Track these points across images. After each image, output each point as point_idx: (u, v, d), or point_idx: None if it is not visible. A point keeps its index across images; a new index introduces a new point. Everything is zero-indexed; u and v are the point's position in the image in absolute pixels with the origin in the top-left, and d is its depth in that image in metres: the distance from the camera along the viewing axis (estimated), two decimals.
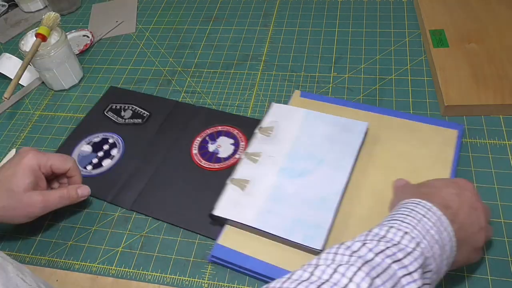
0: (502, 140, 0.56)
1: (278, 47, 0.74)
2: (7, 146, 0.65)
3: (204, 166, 0.58)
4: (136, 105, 0.68)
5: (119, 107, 0.68)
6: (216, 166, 0.57)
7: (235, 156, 0.58)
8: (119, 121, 0.66)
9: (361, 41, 0.72)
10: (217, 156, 0.59)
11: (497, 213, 0.49)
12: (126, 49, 0.78)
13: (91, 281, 0.50)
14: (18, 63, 0.74)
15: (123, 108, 0.68)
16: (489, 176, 0.53)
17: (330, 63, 0.69)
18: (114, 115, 0.67)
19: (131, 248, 0.52)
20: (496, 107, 0.58)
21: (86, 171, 0.60)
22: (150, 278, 0.49)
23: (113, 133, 0.64)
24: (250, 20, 0.80)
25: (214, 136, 0.61)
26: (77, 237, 0.54)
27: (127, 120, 0.66)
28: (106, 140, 0.63)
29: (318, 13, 0.79)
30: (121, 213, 0.55)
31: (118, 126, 0.65)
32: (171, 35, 0.80)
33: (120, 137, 0.64)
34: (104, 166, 0.60)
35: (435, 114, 0.60)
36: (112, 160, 0.61)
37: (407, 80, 0.65)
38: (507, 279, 0.45)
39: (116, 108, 0.68)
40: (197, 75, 0.71)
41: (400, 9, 0.76)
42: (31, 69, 0.73)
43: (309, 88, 0.66)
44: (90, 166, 0.61)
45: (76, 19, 0.88)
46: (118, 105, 0.68)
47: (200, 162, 0.58)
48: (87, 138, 0.64)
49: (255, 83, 0.68)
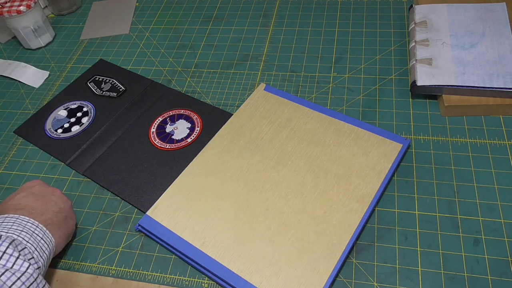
0: (502, 140, 0.56)
1: (278, 47, 0.74)
2: None
3: (157, 144, 0.61)
4: (117, 79, 0.72)
5: (101, 79, 0.72)
6: (167, 147, 0.61)
7: (187, 140, 0.61)
8: (97, 92, 0.70)
9: (361, 41, 0.72)
10: (171, 137, 0.62)
11: (497, 213, 0.50)
12: (126, 49, 0.78)
13: (91, 281, 0.50)
14: (35, 72, 0.77)
15: (104, 81, 0.72)
16: (489, 176, 0.53)
17: (330, 63, 0.70)
18: (95, 86, 0.71)
19: (131, 248, 0.52)
20: (496, 107, 0.58)
21: (56, 134, 0.65)
22: (150, 278, 0.49)
23: (89, 102, 0.69)
24: (250, 20, 0.80)
25: (175, 118, 0.65)
26: (77, 237, 0.54)
27: (103, 92, 0.70)
28: (81, 108, 0.68)
29: (318, 13, 0.79)
30: (121, 213, 0.55)
31: (95, 97, 0.70)
32: (171, 35, 0.80)
33: (94, 107, 0.68)
34: (72, 131, 0.65)
35: (435, 114, 0.60)
36: (80, 126, 0.65)
37: (407, 80, 0.65)
38: (507, 279, 0.45)
39: (98, 80, 0.73)
40: (197, 75, 0.71)
41: (400, 9, 0.76)
42: None
43: (309, 88, 0.66)
44: (60, 130, 0.66)
45: (76, 19, 0.88)
46: (101, 77, 0.73)
47: (154, 141, 0.62)
48: (66, 104, 0.69)
49: (255, 83, 0.68)
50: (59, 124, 0.66)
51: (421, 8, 0.68)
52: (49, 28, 0.82)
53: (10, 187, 0.60)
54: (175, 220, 0.52)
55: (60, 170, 0.61)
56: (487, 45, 0.61)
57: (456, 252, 0.47)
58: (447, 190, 0.52)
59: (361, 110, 0.62)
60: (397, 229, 0.50)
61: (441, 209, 0.51)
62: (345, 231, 0.48)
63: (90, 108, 0.67)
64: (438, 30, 0.65)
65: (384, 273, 0.47)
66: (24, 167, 0.62)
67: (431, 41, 0.63)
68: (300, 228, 0.49)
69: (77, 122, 0.66)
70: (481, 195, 0.51)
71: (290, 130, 0.59)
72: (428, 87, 0.59)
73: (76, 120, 0.66)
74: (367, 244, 0.49)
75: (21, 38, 0.80)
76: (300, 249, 0.47)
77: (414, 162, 0.55)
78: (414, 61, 0.62)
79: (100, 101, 0.69)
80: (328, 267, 0.46)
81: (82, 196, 0.58)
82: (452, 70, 0.59)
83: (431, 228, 0.49)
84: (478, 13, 0.65)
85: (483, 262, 0.46)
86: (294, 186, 0.53)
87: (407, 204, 0.52)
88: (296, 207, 0.51)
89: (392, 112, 0.61)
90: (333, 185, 0.52)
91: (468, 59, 0.60)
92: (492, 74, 0.58)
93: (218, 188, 0.54)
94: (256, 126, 0.60)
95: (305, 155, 0.56)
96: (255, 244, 0.48)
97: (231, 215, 0.51)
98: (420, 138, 0.58)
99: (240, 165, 0.56)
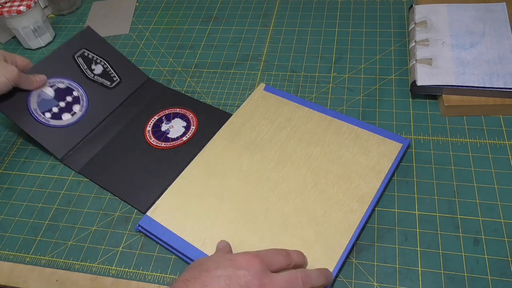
0: (502, 140, 0.56)
1: (278, 47, 0.74)
2: None
3: (152, 143, 0.61)
4: (109, 63, 0.67)
5: (91, 57, 0.66)
6: (163, 145, 0.61)
7: (183, 138, 0.61)
8: (88, 74, 0.65)
9: (361, 41, 0.72)
10: (166, 136, 0.62)
11: (497, 213, 0.50)
12: (126, 49, 0.78)
13: (91, 281, 0.50)
14: None
15: (95, 61, 0.66)
16: (489, 176, 0.53)
17: (330, 63, 0.70)
18: (84, 65, 0.65)
19: (131, 248, 0.52)
20: (496, 107, 0.58)
21: (44, 118, 0.61)
22: (150, 278, 0.49)
23: (80, 86, 0.64)
24: (250, 20, 0.80)
25: (170, 116, 0.64)
26: (77, 237, 0.54)
27: (95, 77, 0.65)
28: (71, 91, 0.63)
29: (318, 13, 0.79)
30: (121, 213, 0.55)
31: (85, 80, 0.65)
32: (171, 35, 0.80)
33: (86, 94, 0.64)
34: (64, 120, 0.62)
35: (435, 114, 0.60)
36: (72, 116, 0.63)
37: (407, 80, 0.65)
38: (507, 279, 0.45)
39: (88, 56, 0.66)
40: (197, 75, 0.71)
41: (400, 9, 0.76)
42: None
43: (309, 88, 0.66)
44: (49, 114, 0.61)
45: (76, 19, 0.88)
46: (91, 54, 0.67)
47: (150, 139, 0.62)
48: (52, 80, 0.63)
49: (255, 83, 0.68)
50: (46, 106, 0.61)
51: (421, 8, 0.68)
52: (49, 28, 0.82)
53: (10, 187, 0.60)
54: (175, 220, 0.52)
55: (60, 170, 0.61)
56: (487, 45, 0.61)
57: (456, 252, 0.47)
58: (447, 190, 0.52)
59: (361, 110, 0.62)
60: (397, 229, 0.50)
61: (441, 209, 0.51)
62: (345, 231, 0.48)
63: (81, 94, 0.64)
64: (438, 30, 0.65)
65: (384, 273, 0.47)
66: (24, 167, 0.62)
67: (431, 41, 0.63)
68: (300, 228, 0.49)
69: (68, 110, 0.63)
70: (481, 195, 0.51)
71: (290, 130, 0.59)
72: (428, 87, 0.59)
73: (66, 106, 0.63)
74: (367, 244, 0.49)
75: (21, 38, 0.80)
76: (300, 249, 0.47)
77: (414, 162, 0.55)
78: (414, 61, 0.62)
79: (92, 88, 0.65)
80: (328, 267, 0.46)
81: (82, 196, 0.58)
82: (452, 70, 0.59)
83: (431, 228, 0.49)
84: (478, 13, 0.65)
85: (483, 262, 0.46)
86: (294, 186, 0.53)
87: (407, 204, 0.52)
88: (296, 207, 0.51)
89: (392, 112, 0.61)
90: (333, 185, 0.52)
91: (468, 59, 0.60)
92: (492, 74, 0.58)
93: (218, 188, 0.54)
94: (256, 126, 0.60)
95: (305, 155, 0.56)
96: (256, 245, 0.48)
97: (231, 215, 0.51)
98: (420, 138, 0.58)
99: (240, 165, 0.56)
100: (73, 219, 0.56)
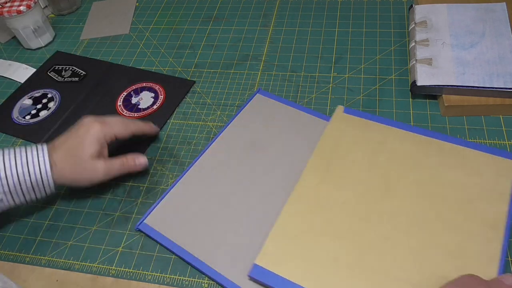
0: (502, 140, 0.56)
1: (278, 47, 0.74)
2: None
3: (125, 114, 0.66)
4: (76, 66, 0.76)
5: (61, 68, 0.76)
6: (135, 115, 0.66)
7: (153, 107, 0.67)
8: (59, 79, 0.74)
9: (361, 41, 0.72)
10: (137, 107, 0.67)
11: None
12: (126, 49, 0.78)
13: (91, 281, 0.50)
14: None
15: (64, 69, 0.76)
16: None
17: (330, 63, 0.70)
18: (56, 75, 0.75)
19: (131, 248, 0.52)
20: (496, 107, 0.58)
21: (25, 121, 0.68)
22: (150, 278, 0.49)
23: (53, 89, 0.73)
24: (250, 20, 0.80)
25: (138, 90, 0.70)
26: (77, 237, 0.54)
27: (66, 79, 0.74)
28: (45, 95, 0.72)
29: (318, 13, 0.79)
30: (121, 213, 0.55)
31: (57, 83, 0.74)
32: (171, 35, 0.80)
33: (58, 92, 0.72)
34: (41, 116, 0.69)
35: (435, 114, 0.60)
36: (48, 111, 0.69)
37: (407, 80, 0.65)
38: None
39: (58, 69, 0.76)
40: (197, 75, 0.71)
41: (400, 9, 0.76)
42: None
43: (309, 88, 0.66)
44: (28, 116, 0.69)
45: (76, 19, 0.88)
46: (61, 67, 0.77)
47: (122, 112, 0.67)
48: (29, 94, 0.73)
49: (255, 83, 0.68)
50: (25, 111, 0.70)
51: (421, 8, 0.68)
52: (49, 28, 0.82)
53: None
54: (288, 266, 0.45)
55: None
56: (487, 45, 0.61)
57: None
58: None
59: (361, 110, 0.62)
60: None
61: None
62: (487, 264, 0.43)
63: (54, 94, 0.71)
64: (438, 30, 0.65)
65: None
66: None
67: (431, 41, 0.63)
68: (437, 265, 0.44)
69: (44, 108, 0.70)
70: None
71: (387, 155, 0.53)
72: (428, 87, 0.59)
73: (42, 106, 0.70)
74: None
75: (21, 38, 0.80)
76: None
77: None
78: (414, 61, 0.62)
79: (63, 87, 0.73)
80: None
81: (82, 196, 0.58)
82: (452, 70, 0.59)
83: None
84: (478, 13, 0.65)
85: None
86: (413, 216, 0.47)
87: None
88: (424, 242, 0.45)
89: (392, 112, 0.61)
90: (455, 212, 0.47)
91: (468, 59, 0.60)
92: (492, 74, 0.58)
93: (327, 226, 0.48)
94: (347, 153, 0.54)
95: (413, 181, 0.50)
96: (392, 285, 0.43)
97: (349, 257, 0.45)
98: None
99: (344, 198, 0.50)
100: (73, 219, 0.56)
